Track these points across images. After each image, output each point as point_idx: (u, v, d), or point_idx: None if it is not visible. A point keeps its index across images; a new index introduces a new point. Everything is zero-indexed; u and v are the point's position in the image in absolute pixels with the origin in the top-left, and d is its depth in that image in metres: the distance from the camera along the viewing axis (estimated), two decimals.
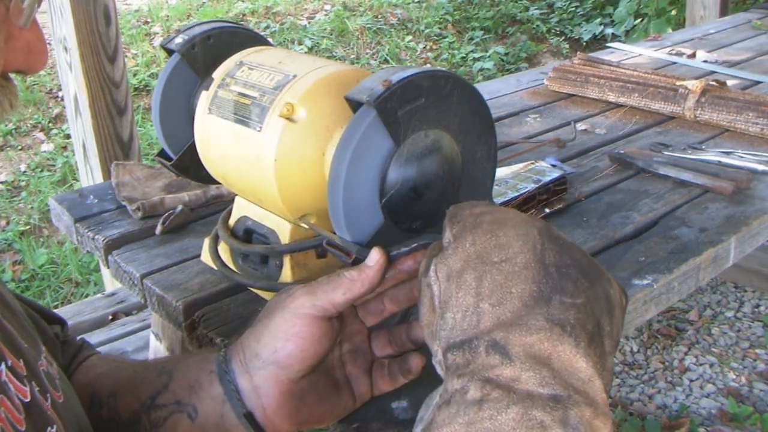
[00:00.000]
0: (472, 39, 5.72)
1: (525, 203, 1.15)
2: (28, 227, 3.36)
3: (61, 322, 0.80)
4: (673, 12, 4.84)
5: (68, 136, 3.76)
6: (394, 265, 0.66)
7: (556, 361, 0.49)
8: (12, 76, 0.61)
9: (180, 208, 1.16)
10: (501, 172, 1.22)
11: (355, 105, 0.71)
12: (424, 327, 0.58)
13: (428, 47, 5.54)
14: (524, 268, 0.53)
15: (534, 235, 0.55)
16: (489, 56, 5.47)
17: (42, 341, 0.70)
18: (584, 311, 0.52)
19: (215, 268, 0.97)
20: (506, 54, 5.58)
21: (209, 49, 0.97)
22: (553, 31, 6.05)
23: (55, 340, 0.75)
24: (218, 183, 0.98)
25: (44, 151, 3.86)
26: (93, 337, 1.99)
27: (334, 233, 0.74)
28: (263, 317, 0.67)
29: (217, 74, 0.90)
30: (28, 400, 0.53)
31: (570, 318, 0.51)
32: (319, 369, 0.68)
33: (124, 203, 1.21)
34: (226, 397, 0.66)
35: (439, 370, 0.55)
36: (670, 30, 4.38)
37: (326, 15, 5.56)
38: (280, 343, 0.64)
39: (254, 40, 0.99)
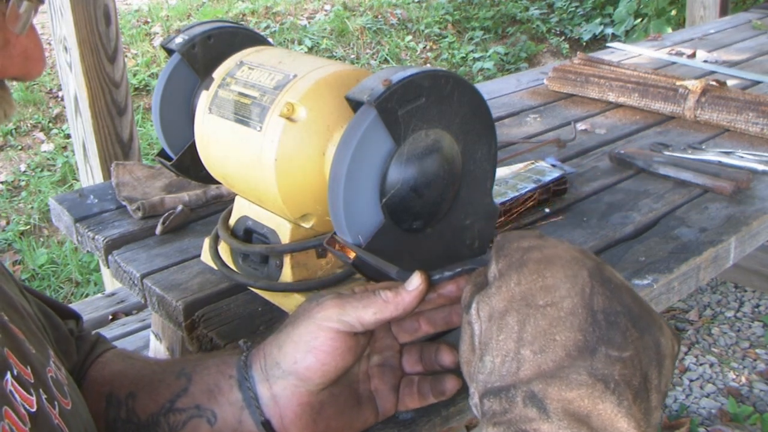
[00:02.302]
0: (472, 39, 5.72)
1: (525, 203, 1.15)
2: (28, 227, 3.36)
3: (75, 317, 0.79)
4: (673, 12, 4.84)
5: (68, 136, 3.76)
6: (434, 288, 0.64)
7: (596, 420, 0.47)
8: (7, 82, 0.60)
9: (180, 208, 1.16)
10: (501, 172, 1.22)
11: (355, 105, 0.71)
12: (463, 364, 0.57)
13: (428, 47, 5.54)
14: (570, 314, 0.51)
15: (583, 277, 0.53)
16: (489, 56, 5.47)
17: (55, 338, 0.69)
18: (631, 365, 0.49)
19: (215, 268, 0.97)
20: (506, 54, 5.58)
21: (209, 49, 0.97)
22: (553, 31, 6.05)
23: (69, 337, 0.75)
24: (218, 183, 0.98)
25: (44, 151, 3.86)
26: None
27: (335, 233, 0.74)
28: (289, 324, 0.65)
29: (218, 74, 0.90)
30: (34, 410, 0.52)
31: (615, 373, 0.48)
32: (342, 381, 0.66)
33: (124, 203, 1.21)
34: (244, 403, 0.65)
35: (475, 412, 0.54)
36: (670, 30, 4.38)
37: (326, 15, 5.56)
38: (300, 354, 0.62)
39: (254, 40, 0.99)
